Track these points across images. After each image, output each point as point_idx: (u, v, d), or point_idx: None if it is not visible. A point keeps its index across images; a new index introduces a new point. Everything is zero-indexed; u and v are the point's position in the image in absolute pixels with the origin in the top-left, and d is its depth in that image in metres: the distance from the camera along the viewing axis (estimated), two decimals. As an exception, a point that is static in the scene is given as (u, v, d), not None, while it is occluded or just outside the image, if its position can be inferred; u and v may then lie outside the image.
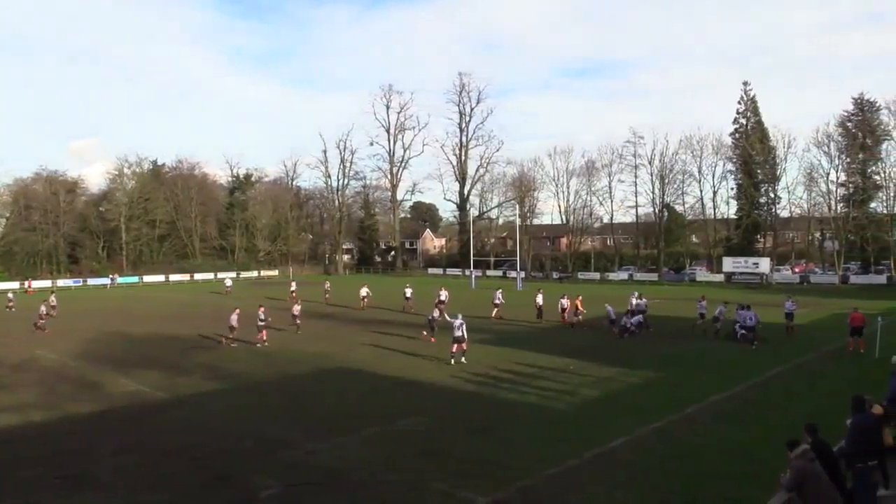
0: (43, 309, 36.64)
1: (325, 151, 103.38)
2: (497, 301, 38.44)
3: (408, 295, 43.64)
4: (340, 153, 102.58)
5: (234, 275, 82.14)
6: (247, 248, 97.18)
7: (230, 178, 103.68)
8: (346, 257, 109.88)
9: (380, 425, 16.14)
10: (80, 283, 74.87)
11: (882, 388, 12.73)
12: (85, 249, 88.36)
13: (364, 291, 45.17)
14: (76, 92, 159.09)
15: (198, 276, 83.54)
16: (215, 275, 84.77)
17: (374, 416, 17.13)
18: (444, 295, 39.64)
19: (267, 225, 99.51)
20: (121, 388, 21.02)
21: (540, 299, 37.09)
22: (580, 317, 34.03)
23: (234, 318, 30.10)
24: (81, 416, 17.78)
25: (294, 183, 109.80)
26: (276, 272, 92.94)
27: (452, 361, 24.00)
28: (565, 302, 35.46)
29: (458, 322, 24.53)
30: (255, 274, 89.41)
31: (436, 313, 31.97)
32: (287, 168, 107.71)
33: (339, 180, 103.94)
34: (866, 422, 9.99)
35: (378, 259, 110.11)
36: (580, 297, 35.47)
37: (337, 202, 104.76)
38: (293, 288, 52.69)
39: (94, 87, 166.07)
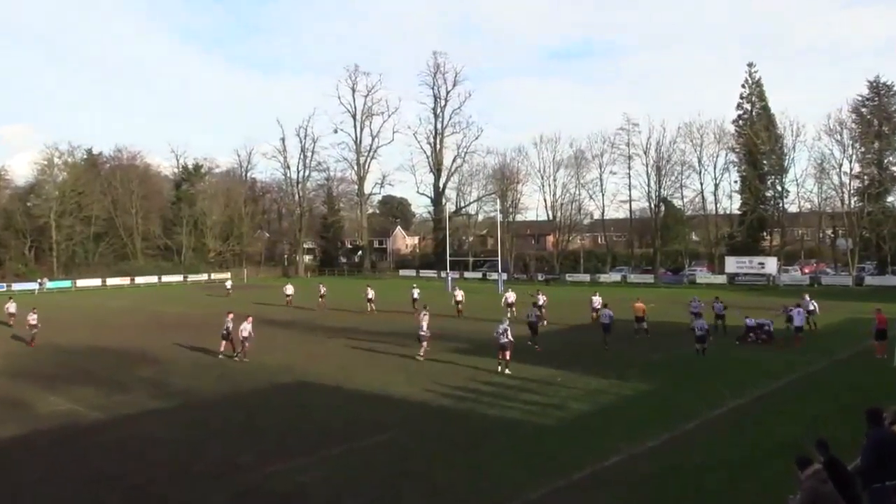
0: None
1: (283, 139, 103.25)
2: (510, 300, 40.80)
3: (415, 296, 44.67)
4: (301, 141, 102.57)
5: (229, 275, 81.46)
6: (195, 248, 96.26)
7: (176, 170, 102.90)
8: (307, 258, 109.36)
9: (344, 444, 16.08)
10: (4, 289, 73.60)
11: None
12: (9, 250, 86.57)
13: (322, 290, 48.57)
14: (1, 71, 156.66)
15: (139, 280, 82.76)
16: (159, 278, 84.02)
17: (339, 434, 17.06)
18: (416, 292, 42.21)
19: (218, 222, 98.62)
20: (50, 407, 20.69)
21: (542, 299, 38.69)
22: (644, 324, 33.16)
23: (247, 327, 28.40)
24: (2, 440, 17.46)
25: (249, 175, 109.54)
26: (228, 275, 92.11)
27: (500, 370, 24.42)
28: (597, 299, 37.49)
29: (502, 328, 25.03)
30: (204, 277, 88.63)
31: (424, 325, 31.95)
32: (241, 158, 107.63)
33: (299, 172, 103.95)
34: (884, 437, 10.04)
35: (343, 260, 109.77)
36: (641, 301, 34.81)
37: (297, 196, 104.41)
38: (289, 292, 52.90)
39: (22, 67, 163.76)
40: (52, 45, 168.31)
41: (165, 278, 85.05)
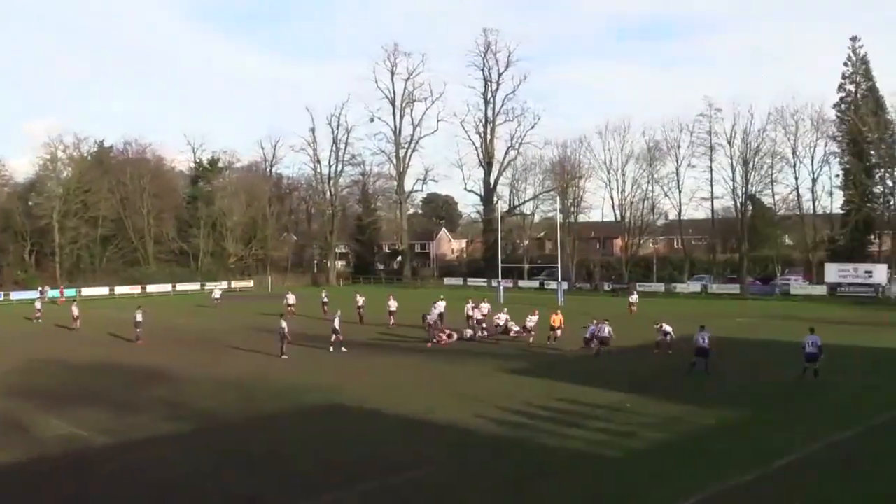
0: None
1: (313, 130, 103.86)
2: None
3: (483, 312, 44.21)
4: (333, 132, 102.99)
5: (224, 284, 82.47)
6: (213, 253, 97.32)
7: (192, 164, 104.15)
8: (339, 264, 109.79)
9: (381, 478, 16.10)
10: (1, 298, 75.18)
11: None
12: (7, 255, 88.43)
13: (360, 301, 49.55)
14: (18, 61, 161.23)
15: (151, 288, 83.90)
16: (173, 286, 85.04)
17: (374, 466, 17.09)
18: (485, 308, 42.23)
19: (239, 223, 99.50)
20: (52, 430, 21.10)
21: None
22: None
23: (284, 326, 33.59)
24: (1, 466, 17.84)
25: (274, 170, 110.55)
26: (251, 283, 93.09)
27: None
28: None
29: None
30: (224, 285, 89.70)
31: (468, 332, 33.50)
32: (265, 151, 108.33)
33: (330, 166, 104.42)
34: None
35: (381, 266, 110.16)
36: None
37: (328, 194, 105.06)
38: (291, 301, 53.79)
39: (23, 52, 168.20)
40: (51, 26, 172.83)
41: (180, 286, 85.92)
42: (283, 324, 34.25)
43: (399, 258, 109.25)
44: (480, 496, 15.16)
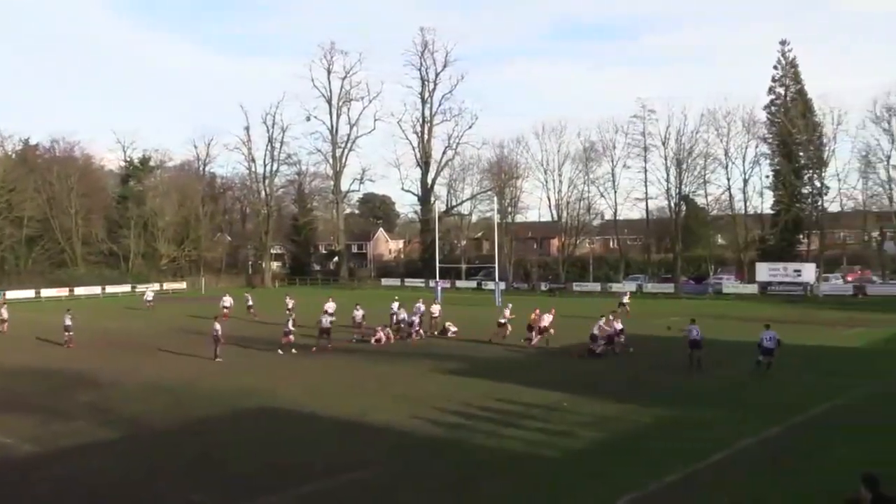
0: None
1: (247, 128, 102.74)
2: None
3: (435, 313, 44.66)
4: (268, 130, 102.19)
5: (156, 286, 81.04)
6: (144, 254, 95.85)
7: (123, 163, 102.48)
8: (275, 265, 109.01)
9: (318, 481, 15.99)
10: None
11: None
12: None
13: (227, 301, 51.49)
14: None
15: (79, 291, 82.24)
16: (103, 288, 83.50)
17: (309, 469, 16.94)
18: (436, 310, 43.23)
19: (171, 223, 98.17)
20: (-26, 438, 20.52)
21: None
22: None
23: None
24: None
25: (207, 169, 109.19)
26: (183, 284, 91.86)
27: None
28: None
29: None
30: (156, 286, 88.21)
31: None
32: (198, 150, 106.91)
33: (265, 165, 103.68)
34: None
35: (317, 267, 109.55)
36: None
37: (263, 194, 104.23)
38: (227, 304, 53.58)
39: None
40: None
41: (110, 289, 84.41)
42: (217, 326, 33.86)
43: (336, 259, 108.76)
44: (419, 498, 15.13)
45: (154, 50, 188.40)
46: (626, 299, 52.45)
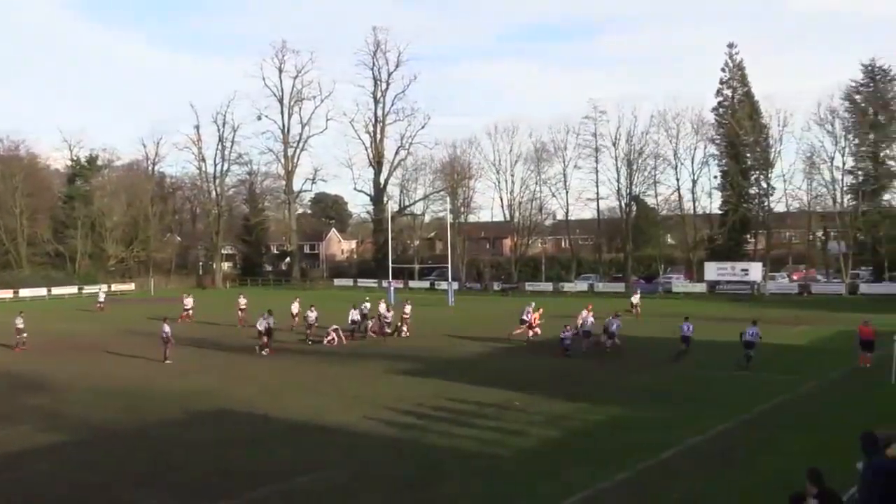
0: None
1: (197, 127, 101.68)
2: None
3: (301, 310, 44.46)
4: (218, 130, 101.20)
5: (104, 287, 79.68)
6: (92, 255, 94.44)
7: (69, 163, 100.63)
8: (226, 265, 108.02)
9: (273, 484, 15.93)
10: None
11: (897, 420, 13.30)
12: None
13: (243, 302, 49.16)
14: None
15: (24, 293, 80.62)
16: (49, 290, 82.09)
17: (266, 472, 16.88)
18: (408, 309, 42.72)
19: (119, 223, 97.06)
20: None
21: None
22: None
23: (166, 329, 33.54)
24: None
25: (156, 169, 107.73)
26: (132, 285, 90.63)
27: None
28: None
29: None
30: (104, 288, 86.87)
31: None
32: (147, 149, 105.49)
33: (216, 165, 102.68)
34: (881, 465, 10.34)
35: (269, 267, 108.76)
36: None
37: (214, 194, 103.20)
38: (188, 305, 52.67)
39: None
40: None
41: (56, 290, 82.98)
42: (166, 328, 33.52)
43: (288, 259, 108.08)
44: (374, 499, 15.17)
45: (102, 47, 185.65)
46: (636, 300, 51.89)
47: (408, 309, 42.78)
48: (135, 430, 21.49)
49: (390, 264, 71.48)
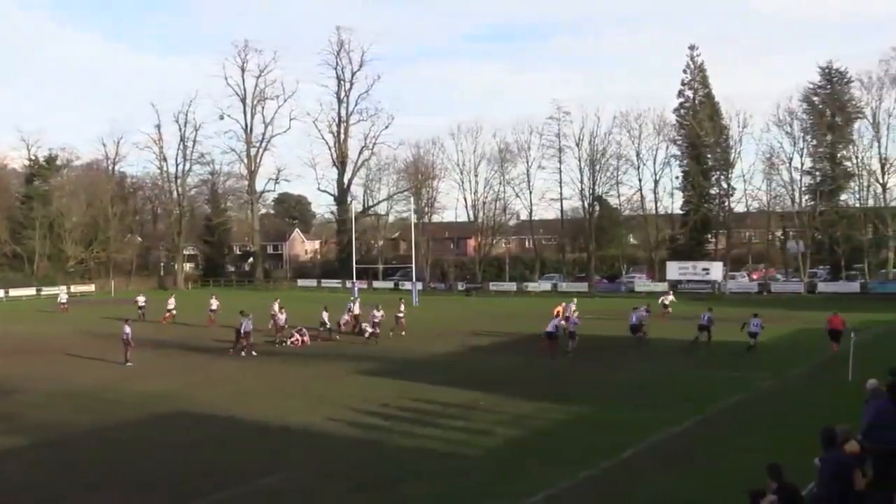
0: None
1: (158, 126, 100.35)
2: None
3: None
4: (180, 129, 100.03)
5: (64, 288, 78.43)
6: (51, 256, 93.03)
7: (27, 162, 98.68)
8: (188, 266, 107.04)
9: (236, 487, 15.80)
10: None
11: (857, 417, 13.46)
12: None
13: (214, 304, 48.82)
14: None
15: (-19, 295, 79.34)
16: (6, 292, 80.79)
17: (229, 474, 16.74)
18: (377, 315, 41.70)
19: (79, 224, 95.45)
20: None
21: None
22: None
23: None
24: None
25: (117, 168, 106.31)
26: (92, 287, 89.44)
27: None
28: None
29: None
30: (63, 289, 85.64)
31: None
32: (107, 149, 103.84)
33: (178, 165, 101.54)
34: (839, 460, 10.52)
35: (231, 268, 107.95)
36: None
37: (175, 194, 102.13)
38: (171, 306, 51.82)
39: None
40: None
41: (14, 292, 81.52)
42: (127, 329, 33.07)
43: (251, 260, 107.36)
44: (338, 500, 15.12)
45: (61, 45, 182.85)
46: (668, 300, 50.98)
47: (403, 308, 42.67)
48: (92, 432, 21.19)
49: (354, 265, 71.31)
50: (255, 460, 17.89)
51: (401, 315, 41.96)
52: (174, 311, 50.75)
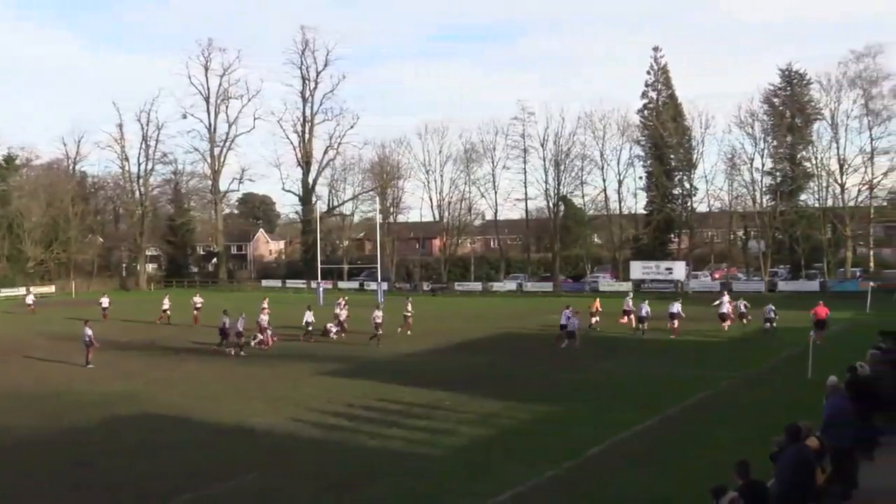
0: None
1: (120, 125, 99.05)
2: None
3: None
4: (142, 128, 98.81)
5: (23, 290, 77.30)
6: (10, 257, 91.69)
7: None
8: (150, 267, 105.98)
9: (198, 489, 15.63)
10: None
11: (817, 413, 13.61)
12: None
13: (198, 302, 49.21)
14: None
15: (-62, 296, 77.93)
16: (-35, 294, 79.58)
17: (189, 477, 16.57)
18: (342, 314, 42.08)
19: (39, 224, 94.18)
20: None
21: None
22: None
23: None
24: None
25: (77, 168, 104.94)
26: (52, 288, 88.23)
27: None
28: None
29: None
30: (22, 291, 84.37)
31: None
32: (67, 148, 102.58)
33: (140, 164, 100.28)
34: (802, 456, 10.61)
35: (195, 269, 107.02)
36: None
37: (137, 194, 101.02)
38: (165, 306, 51.13)
39: None
40: None
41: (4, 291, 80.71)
42: (88, 331, 32.56)
43: (214, 260, 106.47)
44: (302, 501, 15.01)
45: (20, 42, 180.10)
46: (743, 306, 48.41)
47: (410, 308, 42.64)
48: (49, 436, 20.86)
49: (319, 265, 70.99)
50: (216, 462, 17.73)
51: (408, 314, 42.01)
52: (169, 312, 50.06)
